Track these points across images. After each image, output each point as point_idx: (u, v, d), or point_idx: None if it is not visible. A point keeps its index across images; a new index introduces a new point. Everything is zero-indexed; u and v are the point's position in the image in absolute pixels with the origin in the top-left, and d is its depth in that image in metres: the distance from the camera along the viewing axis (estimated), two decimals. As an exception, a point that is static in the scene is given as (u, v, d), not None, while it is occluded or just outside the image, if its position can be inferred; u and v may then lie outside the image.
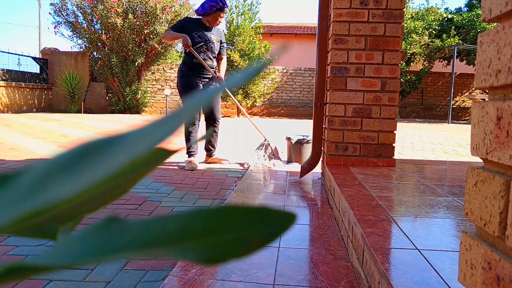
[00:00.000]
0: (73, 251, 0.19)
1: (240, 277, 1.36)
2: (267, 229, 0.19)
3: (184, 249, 0.19)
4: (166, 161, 0.22)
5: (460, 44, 13.97)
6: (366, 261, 1.26)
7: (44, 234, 0.22)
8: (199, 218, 0.20)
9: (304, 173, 3.00)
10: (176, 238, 0.19)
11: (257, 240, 0.19)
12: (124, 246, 0.19)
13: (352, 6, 2.72)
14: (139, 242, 0.19)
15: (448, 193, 1.95)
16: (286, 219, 0.20)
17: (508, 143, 0.56)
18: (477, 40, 0.67)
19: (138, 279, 1.50)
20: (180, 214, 0.20)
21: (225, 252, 0.19)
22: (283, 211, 0.20)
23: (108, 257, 0.18)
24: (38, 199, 0.18)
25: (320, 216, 2.15)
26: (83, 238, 0.20)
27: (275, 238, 0.19)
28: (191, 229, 0.19)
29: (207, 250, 0.19)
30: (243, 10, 13.19)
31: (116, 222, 0.20)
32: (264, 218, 0.20)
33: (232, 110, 15.06)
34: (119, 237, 0.19)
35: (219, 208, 0.20)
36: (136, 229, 0.20)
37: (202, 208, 0.20)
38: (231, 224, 0.19)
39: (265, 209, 0.20)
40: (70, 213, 0.21)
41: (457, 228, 1.43)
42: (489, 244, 0.60)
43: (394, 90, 2.75)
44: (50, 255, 0.19)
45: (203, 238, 0.19)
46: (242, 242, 0.19)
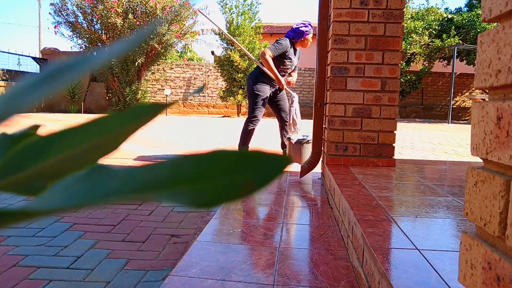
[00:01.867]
0: (60, 198, 0.19)
1: (240, 277, 1.36)
2: (261, 172, 0.19)
3: (175, 193, 0.18)
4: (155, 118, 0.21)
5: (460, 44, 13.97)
6: (366, 261, 1.26)
7: (32, 191, 0.22)
8: (190, 162, 0.19)
9: (304, 173, 3.00)
10: (166, 183, 0.19)
11: (251, 183, 0.19)
12: (112, 192, 0.19)
13: (352, 6, 2.72)
14: (128, 188, 0.19)
15: (448, 193, 1.95)
16: (280, 162, 0.19)
17: (508, 143, 0.56)
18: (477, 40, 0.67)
19: (138, 279, 1.50)
20: (170, 160, 0.19)
21: (217, 196, 0.19)
22: (277, 154, 0.20)
23: (95, 202, 0.18)
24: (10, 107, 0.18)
25: (320, 216, 2.15)
26: (69, 185, 0.20)
27: (269, 181, 0.19)
28: (182, 173, 0.19)
29: (199, 193, 0.18)
30: (243, 10, 13.19)
31: (102, 169, 0.20)
32: (258, 161, 0.19)
33: (232, 110, 15.06)
34: (106, 183, 0.19)
35: (211, 152, 0.19)
36: (124, 175, 0.19)
37: (192, 153, 0.20)
38: (223, 168, 0.19)
39: (258, 152, 0.19)
40: (58, 169, 0.21)
41: (457, 228, 1.43)
42: (489, 244, 0.60)
43: (394, 90, 2.75)
44: (38, 202, 0.19)
45: (194, 182, 0.19)
46: (235, 185, 0.19)
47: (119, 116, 0.20)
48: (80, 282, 1.46)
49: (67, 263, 1.62)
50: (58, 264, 1.60)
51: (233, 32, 13.17)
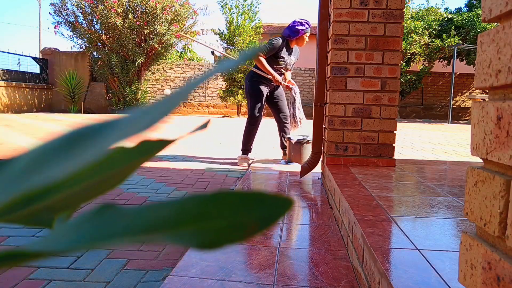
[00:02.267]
0: (68, 238, 0.19)
1: (240, 277, 1.36)
2: (264, 214, 0.19)
3: (179, 234, 0.19)
4: (159, 153, 0.22)
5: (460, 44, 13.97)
6: (366, 261, 1.26)
7: (40, 223, 0.22)
8: (194, 203, 0.19)
9: (304, 173, 3.00)
10: (171, 224, 0.19)
11: (254, 225, 0.19)
12: (119, 232, 0.19)
13: (352, 6, 2.72)
14: (134, 228, 0.19)
15: (448, 193, 1.95)
16: (283, 204, 0.20)
17: (508, 143, 0.56)
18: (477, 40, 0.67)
19: (138, 279, 1.50)
20: (175, 200, 0.20)
21: (221, 237, 0.19)
22: (280, 196, 0.20)
23: (102, 244, 0.18)
24: (30, 181, 0.18)
25: (320, 216, 2.15)
26: (78, 225, 0.20)
27: (272, 223, 0.19)
28: (186, 215, 0.19)
29: (202, 235, 0.19)
30: (243, 10, 13.18)
31: (110, 208, 0.20)
32: (261, 203, 0.20)
33: (232, 110, 15.07)
34: (113, 223, 0.19)
35: (215, 193, 0.20)
36: (131, 215, 0.20)
37: (197, 194, 0.20)
38: (226, 209, 0.19)
39: (261, 194, 0.20)
40: (66, 202, 0.22)
41: (457, 228, 1.43)
42: (489, 244, 0.60)
43: (394, 90, 2.75)
44: (45, 242, 0.19)
45: (198, 223, 0.19)
46: (238, 227, 0.19)
47: (127, 152, 0.21)
48: (80, 282, 1.46)
49: (67, 263, 1.62)
50: (58, 264, 1.60)
51: (233, 32, 13.17)
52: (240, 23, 13.20)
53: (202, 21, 44.68)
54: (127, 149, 0.20)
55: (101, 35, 13.00)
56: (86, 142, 0.19)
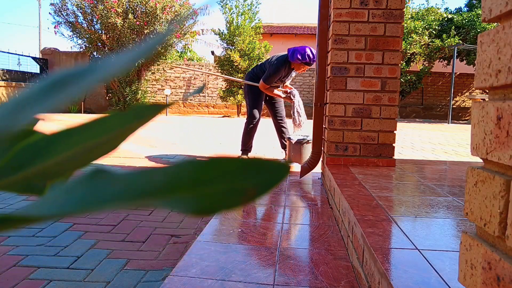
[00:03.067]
0: (60, 202, 0.19)
1: (240, 277, 1.36)
2: (261, 179, 0.19)
3: (174, 200, 0.18)
4: (155, 118, 0.21)
5: (460, 44, 13.97)
6: (366, 261, 1.26)
7: (31, 190, 0.22)
8: (190, 169, 0.19)
9: (304, 173, 3.00)
10: (166, 189, 0.19)
11: (251, 190, 0.19)
12: (112, 197, 0.18)
13: (352, 6, 2.72)
14: (127, 193, 0.18)
15: (448, 193, 1.95)
16: (280, 170, 0.19)
17: (508, 143, 0.56)
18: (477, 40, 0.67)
19: (138, 279, 1.50)
20: (170, 166, 0.19)
21: (217, 203, 0.19)
22: (277, 162, 0.20)
23: (95, 208, 0.18)
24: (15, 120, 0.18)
25: (320, 216, 2.15)
26: (70, 189, 0.20)
27: (269, 188, 0.19)
28: (181, 180, 0.19)
29: (198, 200, 0.18)
30: (243, 10, 13.18)
31: (103, 173, 0.20)
32: (258, 169, 0.19)
33: (232, 110, 15.06)
34: (106, 188, 0.19)
35: (211, 159, 0.19)
36: (124, 180, 0.19)
37: (193, 159, 0.19)
38: (223, 175, 0.19)
39: (258, 159, 0.20)
40: (58, 168, 0.21)
41: (457, 228, 1.43)
42: (489, 244, 0.60)
43: (394, 90, 2.75)
44: (37, 206, 0.19)
45: (194, 189, 0.19)
46: (235, 192, 0.19)
47: (119, 116, 0.20)
48: (80, 282, 1.46)
49: (67, 263, 1.62)
50: (58, 264, 1.60)
51: (233, 32, 13.17)
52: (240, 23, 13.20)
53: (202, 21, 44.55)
54: (120, 113, 0.20)
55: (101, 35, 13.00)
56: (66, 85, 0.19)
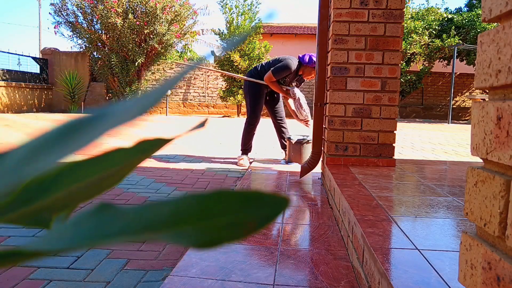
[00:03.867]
0: (66, 237, 0.19)
1: (240, 277, 1.36)
2: (261, 212, 0.20)
3: (177, 234, 0.19)
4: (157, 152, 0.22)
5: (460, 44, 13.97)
6: (366, 261, 1.26)
7: (38, 223, 0.22)
8: (193, 202, 0.20)
9: (304, 173, 3.00)
10: (170, 223, 0.19)
11: (251, 223, 0.19)
12: (117, 231, 0.19)
13: (352, 6, 2.72)
14: (133, 227, 0.19)
15: (448, 193, 1.95)
16: (280, 203, 0.20)
17: (508, 143, 0.56)
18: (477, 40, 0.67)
19: (138, 279, 1.50)
20: (173, 199, 0.20)
21: (219, 236, 0.19)
22: (277, 195, 0.20)
23: (100, 242, 0.18)
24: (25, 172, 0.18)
25: (320, 216, 2.15)
26: (76, 224, 0.20)
27: (269, 222, 0.20)
28: (185, 214, 0.19)
29: (201, 234, 0.19)
30: (243, 10, 13.18)
31: (108, 208, 0.20)
32: (258, 202, 0.20)
33: (232, 110, 15.06)
34: (112, 222, 0.19)
35: (213, 192, 0.20)
36: (129, 214, 0.20)
37: (195, 192, 0.20)
38: (224, 208, 0.19)
39: (258, 193, 0.20)
40: (64, 202, 0.22)
41: (457, 228, 1.43)
42: (489, 244, 0.60)
43: (394, 90, 2.75)
44: (43, 241, 0.19)
45: (196, 223, 0.19)
46: (236, 225, 0.19)
47: (125, 151, 0.21)
48: (80, 282, 1.46)
49: (67, 263, 1.62)
50: (58, 264, 1.60)
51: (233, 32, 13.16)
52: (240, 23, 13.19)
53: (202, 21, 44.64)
54: (125, 148, 0.21)
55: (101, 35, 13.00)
56: (78, 133, 0.19)
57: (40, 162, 0.19)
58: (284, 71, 3.68)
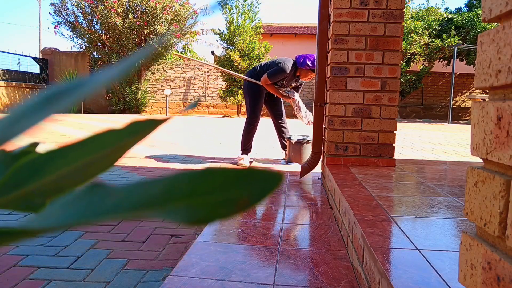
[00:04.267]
0: (57, 216, 0.19)
1: (240, 277, 1.36)
2: (254, 189, 0.19)
3: (170, 210, 0.19)
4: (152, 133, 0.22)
5: (460, 44, 13.98)
6: (366, 261, 1.26)
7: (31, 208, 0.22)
8: (184, 180, 0.20)
9: (304, 173, 3.00)
10: (161, 200, 0.19)
11: (244, 200, 0.19)
12: (109, 209, 0.19)
13: (352, 6, 2.72)
14: (124, 205, 0.19)
15: (448, 193, 1.95)
16: (273, 179, 0.20)
17: (508, 143, 0.56)
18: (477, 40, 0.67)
19: (138, 279, 1.50)
20: (165, 177, 0.20)
21: (211, 212, 0.19)
22: (269, 171, 0.20)
23: (93, 220, 0.18)
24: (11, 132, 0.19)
25: (320, 216, 2.15)
26: (67, 203, 0.20)
27: (262, 198, 0.19)
28: (176, 191, 0.19)
29: (193, 210, 0.19)
30: (243, 10, 13.18)
31: (100, 187, 0.20)
32: (250, 179, 0.20)
33: (232, 110, 15.06)
34: (103, 201, 0.20)
35: (205, 169, 0.20)
36: (121, 192, 0.20)
37: (187, 170, 0.20)
38: (216, 185, 0.19)
39: (251, 169, 0.20)
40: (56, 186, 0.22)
41: (457, 228, 1.43)
42: (489, 244, 0.60)
43: (394, 90, 2.75)
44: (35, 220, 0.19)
45: (188, 199, 0.19)
46: (228, 202, 0.19)
47: (116, 132, 0.21)
48: (80, 282, 1.46)
49: (67, 263, 1.62)
50: (58, 264, 1.60)
51: (233, 32, 13.16)
52: (240, 23, 13.19)
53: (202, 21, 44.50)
54: (116, 130, 0.21)
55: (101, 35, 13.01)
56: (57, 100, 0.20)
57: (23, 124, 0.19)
58: (279, 74, 3.68)
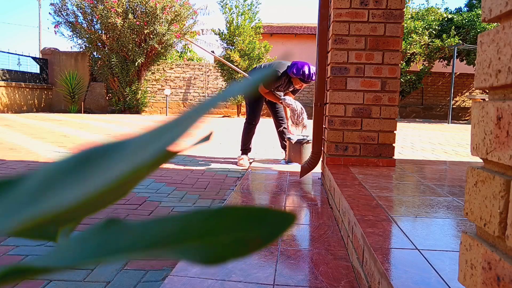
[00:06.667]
0: (73, 253, 0.19)
1: (240, 277, 1.36)
2: (267, 229, 0.20)
3: (184, 250, 0.19)
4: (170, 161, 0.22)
5: (460, 44, 13.98)
6: (366, 261, 1.26)
7: (43, 236, 0.22)
8: (199, 218, 0.20)
9: (304, 173, 3.00)
10: (176, 239, 0.19)
11: (257, 240, 0.19)
12: (124, 248, 0.19)
13: (352, 6, 2.72)
14: (139, 243, 0.19)
15: (448, 193, 1.95)
16: (286, 219, 0.20)
17: (508, 143, 0.56)
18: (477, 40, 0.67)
19: (138, 279, 1.50)
20: (180, 215, 0.20)
21: (225, 252, 0.19)
22: (283, 212, 0.20)
23: (108, 259, 0.18)
24: (40, 205, 0.18)
25: (320, 216, 2.15)
26: (83, 240, 0.20)
27: (275, 238, 0.20)
28: (191, 230, 0.19)
29: (207, 250, 0.19)
30: (243, 10, 13.18)
31: (115, 223, 0.20)
32: (264, 219, 0.20)
33: (232, 110, 15.07)
34: (119, 238, 0.20)
35: (219, 208, 0.20)
36: (136, 230, 0.20)
37: (202, 208, 0.20)
38: (231, 225, 0.20)
39: (264, 209, 0.20)
40: (70, 215, 0.22)
41: (457, 228, 1.43)
42: (489, 244, 0.60)
43: (394, 90, 2.75)
44: (50, 257, 0.19)
45: (203, 239, 0.19)
46: (242, 242, 0.19)
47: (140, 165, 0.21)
48: (80, 282, 1.46)
49: (67, 263, 1.62)
50: (58, 264, 1.60)
51: (233, 32, 13.16)
52: (240, 23, 13.19)
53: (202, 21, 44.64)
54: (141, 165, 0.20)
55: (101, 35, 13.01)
56: (99, 162, 0.19)
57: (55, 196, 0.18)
58: (274, 81, 3.68)
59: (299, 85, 3.70)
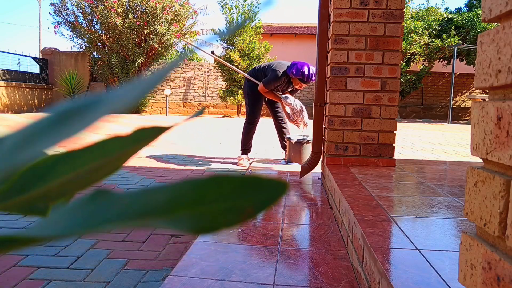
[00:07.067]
0: (62, 223, 0.19)
1: (240, 277, 1.36)
2: (259, 197, 0.19)
3: (174, 219, 0.18)
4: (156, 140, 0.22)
5: (460, 44, 13.98)
6: (366, 261, 1.26)
7: (34, 211, 0.22)
8: (190, 188, 0.19)
9: (304, 173, 3.00)
10: (166, 209, 0.19)
11: (249, 208, 0.19)
12: (113, 218, 0.19)
13: (352, 6, 2.72)
14: (129, 213, 0.19)
15: (448, 193, 1.95)
16: (278, 188, 0.20)
17: (508, 143, 0.56)
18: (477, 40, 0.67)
19: (138, 279, 1.50)
20: (169, 185, 0.20)
21: (216, 221, 0.19)
22: (275, 180, 0.20)
23: (96, 229, 0.18)
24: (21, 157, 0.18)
25: (320, 216, 2.15)
26: (72, 211, 0.20)
27: (267, 207, 0.19)
28: (182, 199, 0.19)
29: (198, 219, 0.19)
30: (243, 10, 13.18)
31: (104, 194, 0.20)
32: (256, 187, 0.19)
33: (232, 110, 15.06)
34: (107, 208, 0.19)
35: (210, 177, 0.20)
36: (125, 200, 0.19)
37: (192, 178, 0.20)
38: (222, 193, 0.19)
39: (257, 178, 0.20)
40: (60, 190, 0.22)
41: (457, 228, 1.43)
42: (489, 244, 0.60)
43: (394, 90, 2.75)
44: (39, 227, 0.19)
45: (194, 208, 0.19)
46: (234, 210, 0.19)
47: (121, 139, 0.20)
48: (80, 282, 1.46)
49: (67, 263, 1.62)
50: (58, 264, 1.60)
51: (233, 32, 13.14)
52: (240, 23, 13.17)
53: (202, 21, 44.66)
54: (121, 137, 0.20)
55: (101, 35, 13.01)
56: (74, 118, 0.19)
57: (31, 149, 0.18)
58: (274, 82, 3.68)
59: (298, 85, 3.71)
